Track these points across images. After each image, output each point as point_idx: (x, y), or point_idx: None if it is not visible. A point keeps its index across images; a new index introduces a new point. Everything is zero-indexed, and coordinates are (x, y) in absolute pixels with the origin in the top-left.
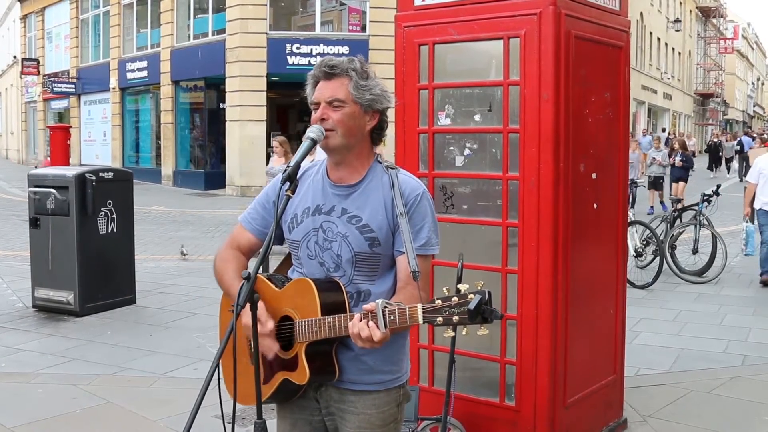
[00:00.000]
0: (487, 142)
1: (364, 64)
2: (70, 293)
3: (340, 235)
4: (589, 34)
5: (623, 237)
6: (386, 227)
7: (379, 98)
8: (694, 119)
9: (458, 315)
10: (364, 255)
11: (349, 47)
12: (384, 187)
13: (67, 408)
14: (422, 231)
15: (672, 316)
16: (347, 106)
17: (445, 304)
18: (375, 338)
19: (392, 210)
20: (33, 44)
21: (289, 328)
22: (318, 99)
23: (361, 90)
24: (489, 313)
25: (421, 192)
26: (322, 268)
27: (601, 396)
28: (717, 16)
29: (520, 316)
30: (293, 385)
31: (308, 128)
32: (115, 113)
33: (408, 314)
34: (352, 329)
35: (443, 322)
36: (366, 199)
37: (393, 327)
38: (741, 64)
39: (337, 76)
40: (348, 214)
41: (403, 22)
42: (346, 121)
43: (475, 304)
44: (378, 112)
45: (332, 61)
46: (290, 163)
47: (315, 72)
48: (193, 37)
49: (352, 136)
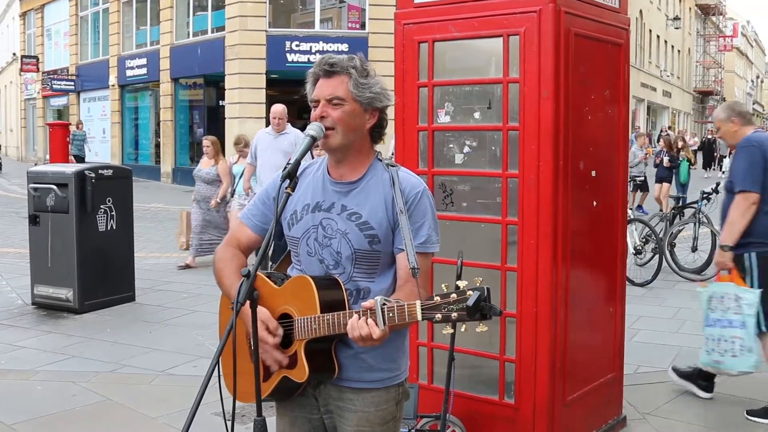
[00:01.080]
0: (486, 139)
1: (365, 62)
2: (70, 290)
3: (339, 232)
4: (588, 32)
5: (622, 235)
6: (386, 224)
7: (378, 96)
8: (693, 117)
9: (457, 312)
10: (363, 252)
11: (349, 45)
12: (384, 184)
13: (67, 405)
14: (422, 229)
15: (671, 313)
16: (347, 104)
17: (444, 300)
18: (374, 335)
19: (392, 207)
20: (32, 41)
21: (288, 326)
22: (318, 97)
23: (360, 88)
24: (488, 309)
25: (422, 190)
26: (321, 265)
27: (601, 393)
28: (716, 13)
29: (520, 314)
30: (292, 383)
31: (308, 125)
32: (115, 110)
33: (407, 311)
34: (351, 332)
35: (442, 318)
36: (366, 197)
37: (392, 324)
38: (740, 62)
39: (337, 73)
40: (348, 211)
41: (403, 19)
42: (345, 119)
43: (474, 300)
44: (378, 110)
45: (332, 58)
46: (290, 161)
47: (315, 70)
48: (192, 34)
49: (352, 134)
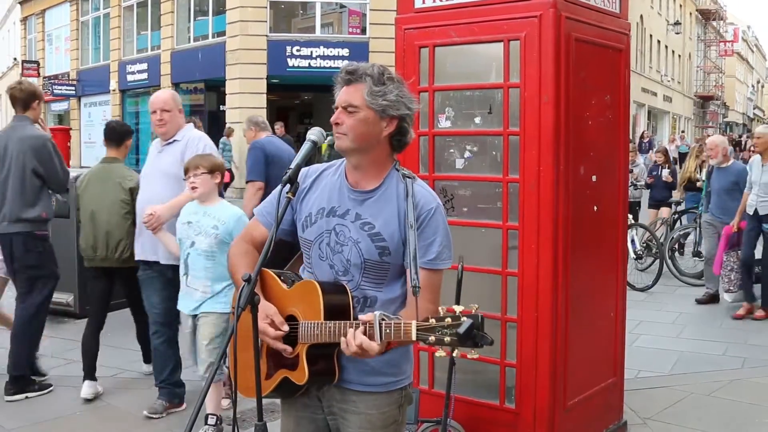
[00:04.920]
0: (487, 144)
1: (386, 70)
2: (70, 295)
3: (351, 240)
4: (589, 37)
5: (623, 239)
6: (398, 237)
7: (394, 104)
8: (694, 122)
9: (449, 336)
10: (373, 262)
11: (350, 50)
12: (399, 196)
13: (68, 410)
14: (433, 245)
15: (672, 318)
16: (361, 111)
17: (439, 324)
18: (371, 351)
19: (405, 221)
20: (33, 46)
21: (294, 328)
22: (337, 103)
23: (375, 95)
24: (480, 338)
25: (435, 206)
26: (331, 271)
27: (601, 398)
28: (717, 18)
29: (521, 319)
30: (293, 385)
31: (309, 130)
32: (116, 115)
33: (403, 330)
34: (347, 348)
35: (435, 341)
36: (381, 208)
37: (389, 340)
38: (741, 67)
39: (355, 81)
40: (362, 220)
41: (404, 24)
42: (357, 127)
43: (465, 329)
44: (396, 119)
45: (351, 66)
46: (291, 165)
47: (337, 77)
48: (193, 39)
49: (364, 141)
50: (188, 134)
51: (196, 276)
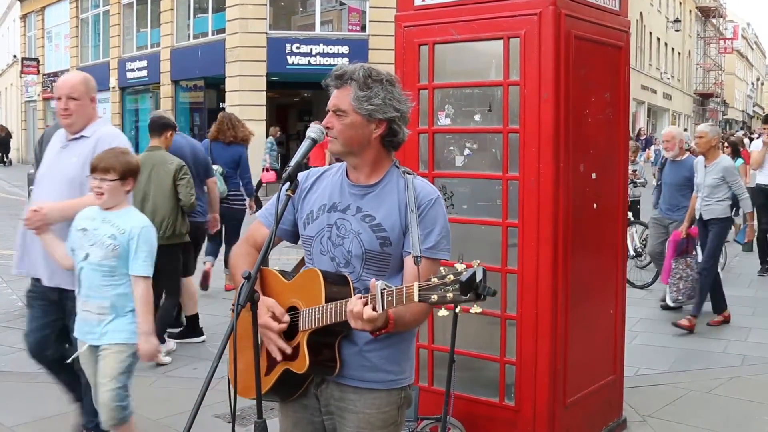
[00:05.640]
0: (487, 142)
1: (372, 72)
2: None
3: (352, 232)
4: (589, 34)
5: (623, 237)
6: (399, 228)
7: (381, 108)
8: (693, 119)
9: (452, 292)
10: (374, 253)
11: (349, 47)
12: (399, 189)
13: (67, 407)
14: (432, 234)
15: (671, 316)
16: (348, 116)
17: (441, 282)
18: (365, 316)
19: (405, 211)
20: (33, 43)
21: (294, 318)
22: (328, 106)
23: (360, 100)
24: (482, 288)
25: (435, 197)
26: (332, 263)
27: (601, 396)
28: (717, 16)
29: (520, 316)
30: (294, 377)
31: (309, 127)
32: (115, 113)
33: (405, 293)
34: (350, 308)
35: (437, 299)
36: (382, 201)
37: (391, 308)
38: (740, 64)
39: (342, 85)
40: (362, 212)
41: (403, 22)
42: (345, 131)
43: (468, 277)
44: (384, 121)
45: (340, 69)
46: (291, 163)
47: (327, 80)
48: (192, 36)
49: (354, 144)
50: (100, 130)
51: (90, 296)
